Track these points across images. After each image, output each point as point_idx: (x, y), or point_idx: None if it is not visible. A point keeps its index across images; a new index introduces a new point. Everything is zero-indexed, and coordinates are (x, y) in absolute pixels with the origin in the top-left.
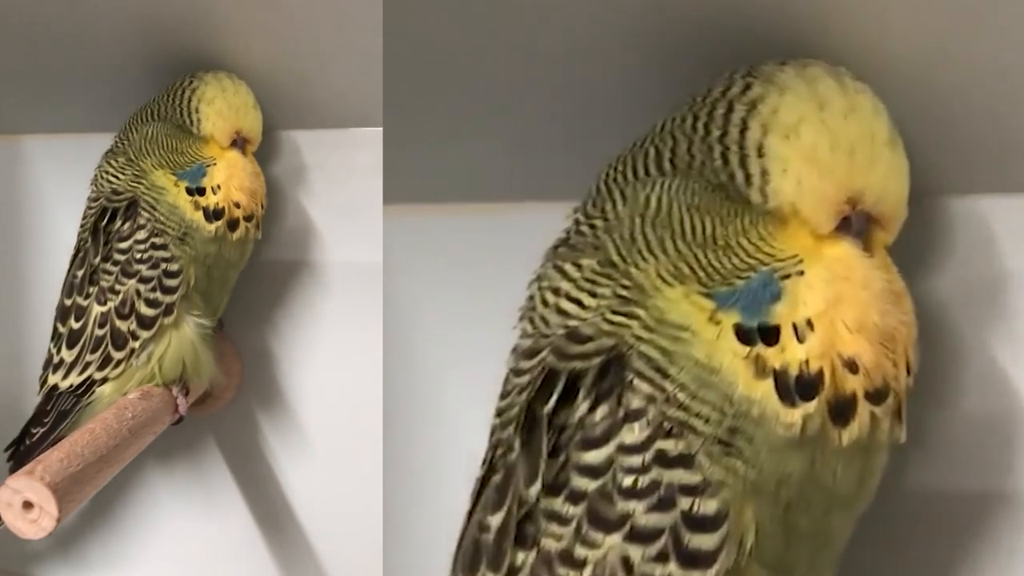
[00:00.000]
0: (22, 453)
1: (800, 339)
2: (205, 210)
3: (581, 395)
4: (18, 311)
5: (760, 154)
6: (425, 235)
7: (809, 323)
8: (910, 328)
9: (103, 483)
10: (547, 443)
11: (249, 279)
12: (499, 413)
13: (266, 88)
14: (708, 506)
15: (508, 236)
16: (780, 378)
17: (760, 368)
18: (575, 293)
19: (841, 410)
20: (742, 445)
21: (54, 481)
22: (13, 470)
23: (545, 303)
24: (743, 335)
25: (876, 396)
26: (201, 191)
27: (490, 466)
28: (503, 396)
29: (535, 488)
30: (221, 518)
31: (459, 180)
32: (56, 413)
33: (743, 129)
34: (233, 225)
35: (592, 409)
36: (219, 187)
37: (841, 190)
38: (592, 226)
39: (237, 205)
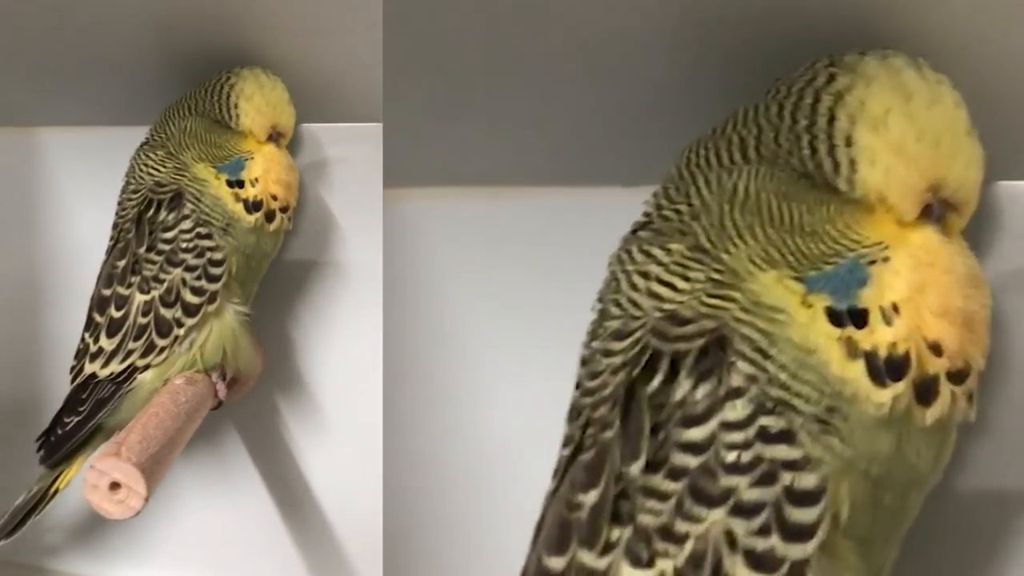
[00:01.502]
0: (54, 443)
1: (887, 322)
2: (245, 202)
3: (683, 374)
4: (33, 302)
5: (848, 144)
6: (437, 223)
7: (895, 307)
8: (988, 311)
9: (170, 465)
10: (648, 421)
11: (271, 268)
12: (589, 392)
13: (290, 81)
14: (808, 481)
15: (539, 221)
16: (871, 359)
17: (852, 350)
18: (667, 277)
19: (925, 390)
20: (838, 424)
21: (140, 461)
22: (44, 460)
23: (634, 287)
24: (834, 317)
25: (957, 377)
26: (240, 183)
27: (578, 444)
28: (591, 376)
29: (637, 465)
30: (242, 506)
31: (480, 165)
32: (94, 401)
33: (831, 119)
34: (270, 216)
35: (694, 388)
36: (257, 180)
37: (925, 179)
38: (677, 211)
39: (274, 197)
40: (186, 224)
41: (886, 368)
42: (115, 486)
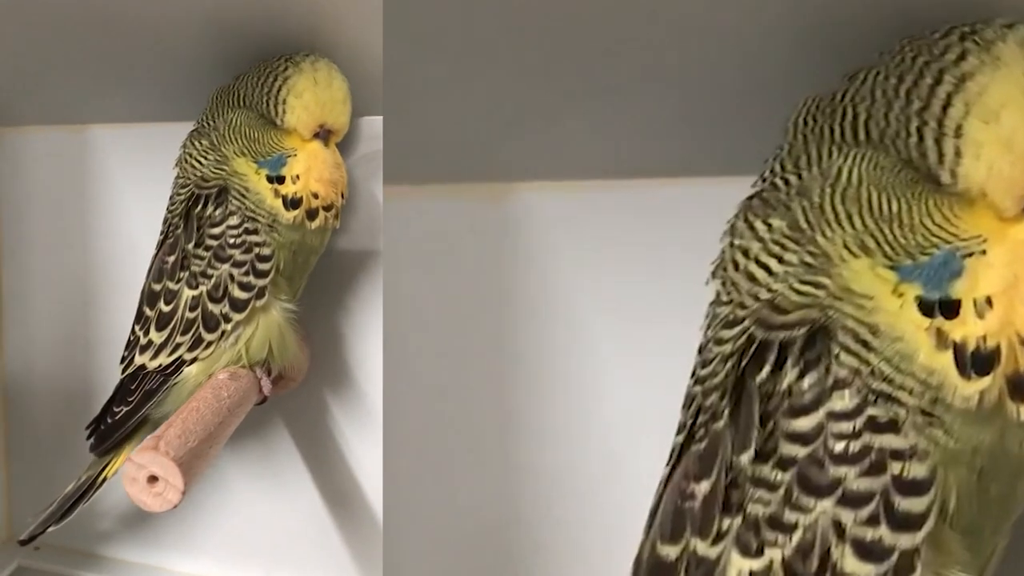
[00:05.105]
0: (104, 432)
1: (979, 316)
2: (284, 198)
3: (789, 363)
4: (85, 298)
5: (957, 135)
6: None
7: (988, 301)
8: None
9: (212, 460)
10: (758, 411)
11: (320, 264)
12: (701, 381)
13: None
14: (917, 471)
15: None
16: (959, 351)
17: (941, 340)
18: (764, 257)
19: (1019, 386)
20: (942, 415)
21: (178, 455)
22: (94, 448)
23: (736, 266)
24: (924, 307)
25: None
26: (281, 179)
27: (689, 434)
28: (704, 364)
29: (747, 455)
30: (290, 499)
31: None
32: (142, 392)
33: (946, 106)
34: (312, 215)
35: (800, 377)
36: (298, 177)
37: None
38: (786, 181)
39: (315, 195)
40: (233, 220)
41: (973, 361)
42: (153, 479)
